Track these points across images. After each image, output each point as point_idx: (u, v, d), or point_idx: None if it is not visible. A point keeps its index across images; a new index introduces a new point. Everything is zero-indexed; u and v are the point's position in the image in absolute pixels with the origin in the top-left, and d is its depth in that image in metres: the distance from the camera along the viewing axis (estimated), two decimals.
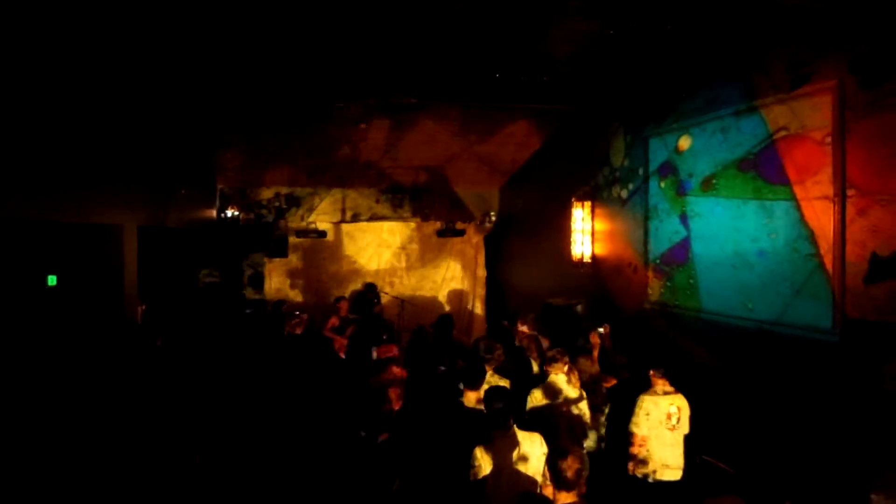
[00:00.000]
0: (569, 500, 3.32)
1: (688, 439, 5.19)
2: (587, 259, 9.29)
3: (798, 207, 5.17)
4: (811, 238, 5.06)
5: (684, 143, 7.05)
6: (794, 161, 5.19)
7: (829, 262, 4.89)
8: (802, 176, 5.10)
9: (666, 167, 7.45)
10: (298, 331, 7.90)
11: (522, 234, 11.94)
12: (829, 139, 4.76)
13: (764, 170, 5.60)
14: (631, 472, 5.04)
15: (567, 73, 7.48)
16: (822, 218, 4.87)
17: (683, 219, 7.10)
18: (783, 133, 5.27)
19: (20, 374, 5.44)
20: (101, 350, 6.39)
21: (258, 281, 11.72)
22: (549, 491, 3.41)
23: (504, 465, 3.83)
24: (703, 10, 5.13)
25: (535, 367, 6.29)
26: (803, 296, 5.25)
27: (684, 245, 7.11)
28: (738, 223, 6.06)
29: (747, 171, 5.87)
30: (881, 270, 4.30)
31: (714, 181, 6.39)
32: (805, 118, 5.04)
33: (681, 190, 7.12)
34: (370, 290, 10.70)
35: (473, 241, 12.72)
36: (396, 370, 5.73)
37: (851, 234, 4.70)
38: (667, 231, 7.49)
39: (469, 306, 12.73)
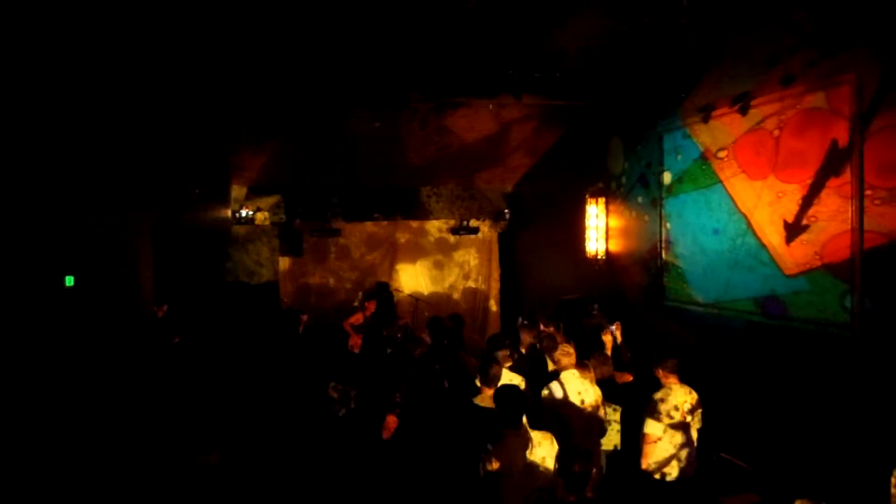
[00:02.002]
0: (582, 498, 3.31)
1: (701, 434, 5.14)
2: (601, 255, 9.24)
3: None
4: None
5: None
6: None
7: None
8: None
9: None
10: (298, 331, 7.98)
11: (537, 232, 11.91)
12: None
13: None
14: (644, 471, 5.00)
15: (580, 69, 7.44)
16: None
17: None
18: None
19: (41, 373, 5.52)
20: (119, 349, 6.45)
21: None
22: (561, 488, 3.40)
23: (515, 464, 3.82)
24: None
25: (551, 365, 6.27)
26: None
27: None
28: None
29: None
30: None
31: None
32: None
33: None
34: (382, 290, 10.68)
35: (487, 238, 12.70)
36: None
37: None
38: (668, 227, 7.81)
39: (483, 304, 12.72)
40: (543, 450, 3.96)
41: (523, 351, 6.63)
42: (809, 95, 5.35)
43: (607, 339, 6.51)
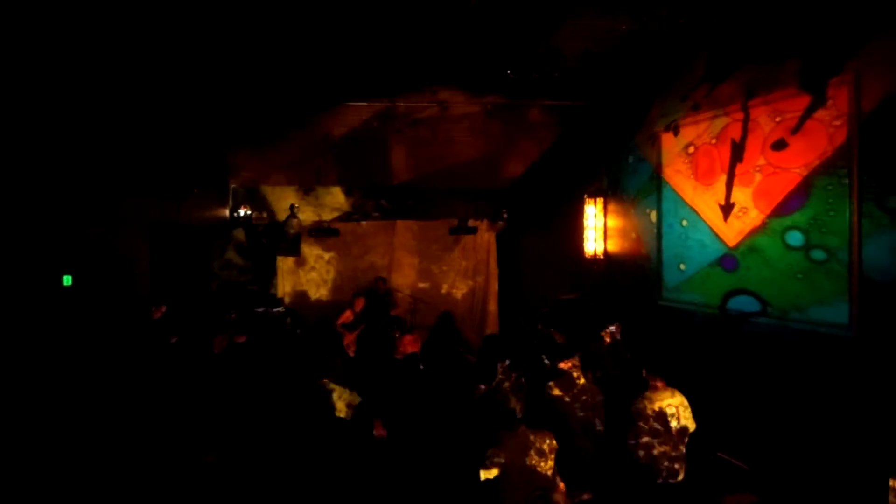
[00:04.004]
0: (580, 499, 3.31)
1: (698, 434, 5.14)
2: (600, 255, 9.26)
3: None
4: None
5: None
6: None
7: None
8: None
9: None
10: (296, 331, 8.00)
11: (535, 232, 11.90)
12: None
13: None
14: (632, 472, 4.99)
15: (578, 69, 7.45)
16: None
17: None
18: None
19: (39, 371, 5.51)
20: (115, 348, 6.44)
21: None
22: (560, 489, 3.40)
23: (514, 464, 3.82)
24: None
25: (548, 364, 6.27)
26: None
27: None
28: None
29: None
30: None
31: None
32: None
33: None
34: (381, 283, 10.61)
35: (486, 238, 12.67)
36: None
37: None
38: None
39: (482, 304, 12.70)
40: (540, 449, 3.96)
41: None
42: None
43: (606, 339, 6.51)
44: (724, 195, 6.84)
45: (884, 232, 5.08)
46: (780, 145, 6.04)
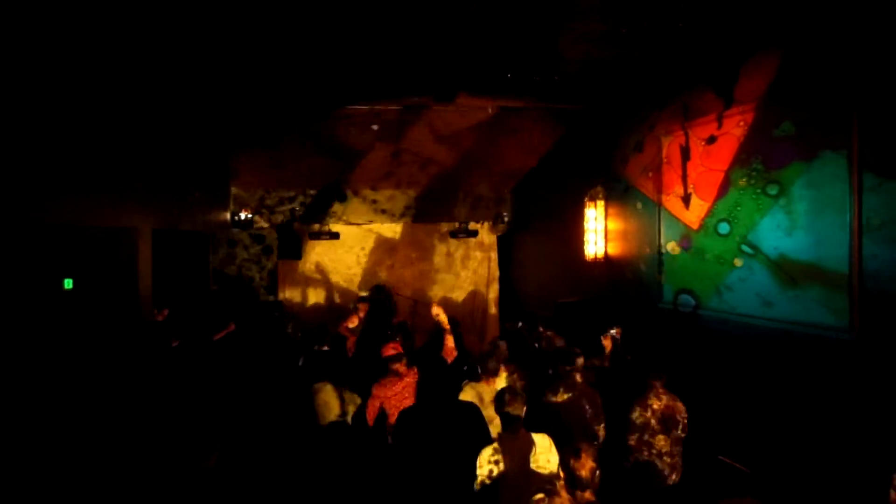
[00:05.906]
0: (585, 500, 3.31)
1: (695, 440, 5.14)
2: (601, 258, 9.26)
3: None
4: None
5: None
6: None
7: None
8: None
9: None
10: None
11: (536, 234, 11.92)
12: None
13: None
14: (629, 475, 4.99)
15: (579, 71, 7.46)
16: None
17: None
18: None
19: (39, 376, 5.52)
20: (117, 352, 6.45)
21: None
22: (563, 492, 3.39)
23: (514, 467, 3.82)
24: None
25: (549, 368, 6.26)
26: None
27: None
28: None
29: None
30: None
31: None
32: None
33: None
34: (379, 292, 10.64)
35: (487, 241, 12.70)
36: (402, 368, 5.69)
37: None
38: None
39: (483, 307, 12.71)
40: (541, 452, 3.96)
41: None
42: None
43: (607, 342, 6.51)
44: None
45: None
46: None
